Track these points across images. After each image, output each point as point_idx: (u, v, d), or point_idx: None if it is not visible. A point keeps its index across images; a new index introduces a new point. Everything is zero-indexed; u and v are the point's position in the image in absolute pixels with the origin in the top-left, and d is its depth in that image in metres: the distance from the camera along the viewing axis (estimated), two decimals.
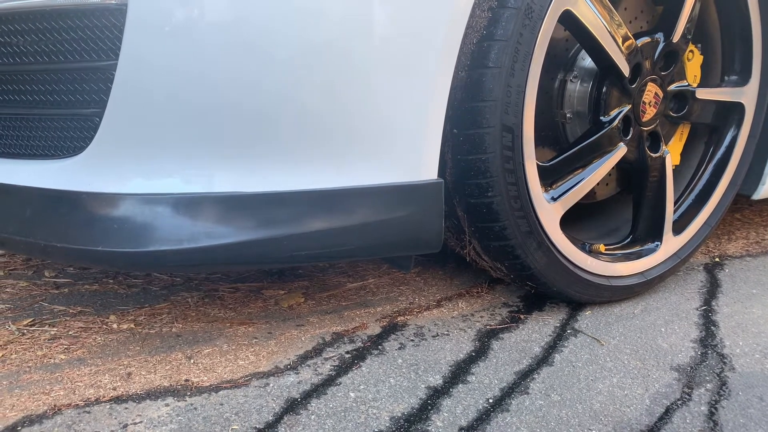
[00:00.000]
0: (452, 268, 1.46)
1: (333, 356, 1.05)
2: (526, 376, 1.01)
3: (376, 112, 0.93)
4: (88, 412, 0.87)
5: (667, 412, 0.93)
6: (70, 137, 0.94)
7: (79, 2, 0.88)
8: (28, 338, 1.06)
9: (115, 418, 0.86)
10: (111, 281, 1.31)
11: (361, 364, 1.02)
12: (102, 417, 0.86)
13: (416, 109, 0.95)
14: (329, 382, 0.97)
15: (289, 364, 1.02)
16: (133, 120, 0.90)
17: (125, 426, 0.84)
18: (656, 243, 1.32)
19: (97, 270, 1.35)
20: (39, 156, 0.98)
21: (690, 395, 0.97)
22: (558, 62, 1.25)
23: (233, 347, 1.06)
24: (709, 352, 1.10)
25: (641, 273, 1.30)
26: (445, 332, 1.14)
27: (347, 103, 0.91)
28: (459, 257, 1.24)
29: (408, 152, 0.97)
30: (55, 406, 0.88)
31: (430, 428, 0.87)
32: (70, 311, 1.17)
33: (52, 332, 1.09)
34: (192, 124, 0.90)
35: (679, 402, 0.95)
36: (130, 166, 0.92)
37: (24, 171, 0.97)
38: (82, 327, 1.11)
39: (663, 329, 1.18)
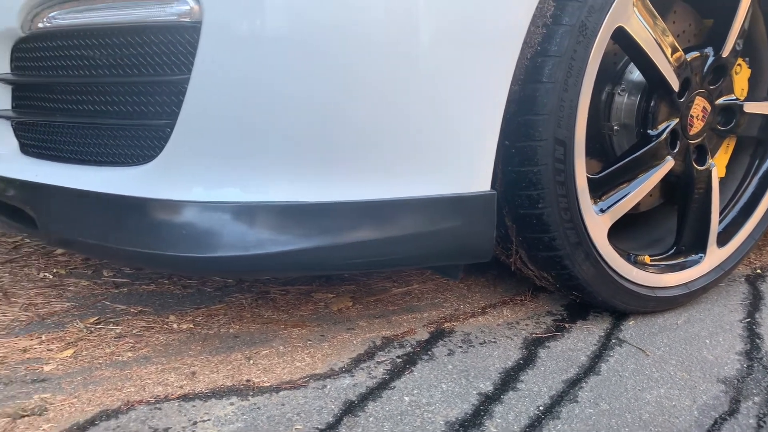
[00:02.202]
0: (494, 275, 1.48)
1: (385, 360, 1.08)
2: (574, 384, 1.03)
3: (437, 126, 0.96)
4: (159, 409, 0.92)
5: (716, 424, 0.94)
6: (142, 146, 0.99)
7: (156, 19, 0.93)
8: (96, 336, 1.12)
9: (185, 415, 0.90)
10: (166, 282, 1.36)
11: (412, 368, 1.06)
12: (172, 414, 0.91)
13: (474, 123, 0.98)
14: (383, 385, 1.01)
15: (344, 367, 1.06)
16: (202, 131, 0.94)
17: (195, 423, 0.89)
18: (700, 255, 1.33)
19: (152, 271, 1.40)
20: (111, 163, 1.03)
21: (738, 408, 0.99)
22: (606, 75, 1.27)
23: (289, 349, 1.10)
24: (755, 365, 1.11)
25: (685, 284, 1.31)
26: (492, 339, 1.17)
27: (408, 118, 0.94)
28: (501, 264, 1.27)
29: (464, 164, 1.00)
30: (128, 402, 0.93)
31: None
32: (131, 310, 1.22)
33: (117, 330, 1.14)
34: (252, 136, 0.93)
35: (728, 414, 0.97)
36: (196, 175, 0.96)
37: (97, 177, 1.02)
38: (144, 326, 1.16)
39: (707, 341, 1.19)
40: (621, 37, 1.10)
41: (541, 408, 0.96)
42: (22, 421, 0.87)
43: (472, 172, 1.01)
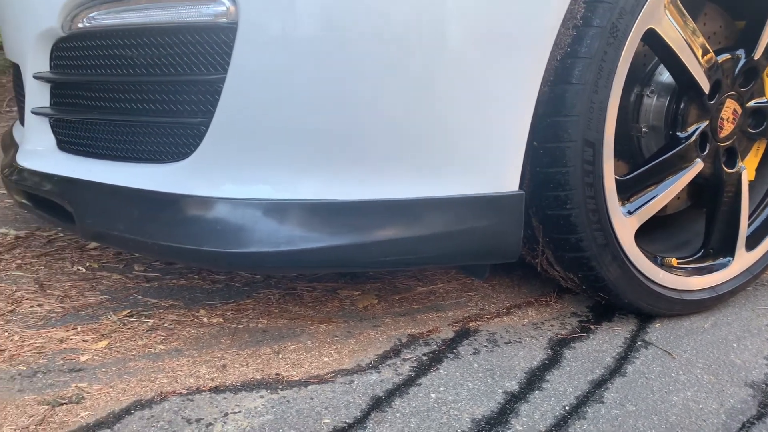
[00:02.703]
0: (518, 275, 1.48)
1: (411, 357, 1.10)
2: (599, 385, 1.04)
3: (467, 126, 0.97)
4: (191, 400, 0.94)
5: (744, 428, 0.94)
6: (177, 144, 1.01)
7: (193, 20, 0.95)
8: (129, 328, 1.15)
9: (216, 407, 0.92)
10: (196, 276, 1.39)
11: (438, 366, 1.07)
12: (204, 405, 0.93)
13: (504, 123, 0.98)
14: (410, 382, 1.02)
15: (371, 363, 1.07)
16: (236, 129, 0.96)
17: (226, 415, 0.91)
18: (728, 258, 1.32)
19: (182, 266, 1.43)
20: (146, 160, 1.05)
21: (765, 413, 0.98)
22: (635, 76, 1.26)
23: (316, 344, 1.12)
24: None
25: (712, 287, 1.30)
26: (517, 339, 1.18)
27: (439, 118, 0.95)
28: (526, 265, 1.27)
29: (493, 165, 1.01)
30: (161, 392, 0.95)
31: (510, 431, 0.90)
32: (162, 304, 1.25)
33: (149, 323, 1.17)
34: (284, 134, 0.95)
35: (755, 419, 0.97)
36: (229, 172, 0.99)
37: (132, 173, 1.05)
38: (175, 319, 1.19)
39: (735, 345, 1.19)
40: (651, 38, 1.10)
41: (566, 408, 0.97)
42: (61, 408, 0.90)
43: (501, 173, 1.02)
